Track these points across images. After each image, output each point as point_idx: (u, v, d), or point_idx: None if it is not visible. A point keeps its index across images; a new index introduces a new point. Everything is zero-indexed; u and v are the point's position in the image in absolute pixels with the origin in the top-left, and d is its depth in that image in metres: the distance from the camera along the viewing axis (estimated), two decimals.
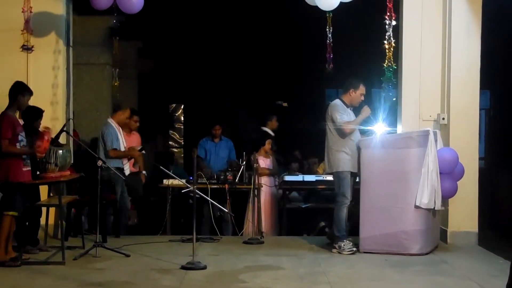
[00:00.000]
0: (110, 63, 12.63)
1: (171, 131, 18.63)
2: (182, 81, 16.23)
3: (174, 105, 18.35)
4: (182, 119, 18.34)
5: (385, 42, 7.99)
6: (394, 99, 9.40)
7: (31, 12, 8.60)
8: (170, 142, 18.56)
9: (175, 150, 18.19)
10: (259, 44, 14.91)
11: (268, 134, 11.19)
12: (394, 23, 8.00)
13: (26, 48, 8.57)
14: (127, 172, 9.61)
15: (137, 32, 12.77)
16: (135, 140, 10.49)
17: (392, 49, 7.96)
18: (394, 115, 9.50)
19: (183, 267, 7.23)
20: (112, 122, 9.60)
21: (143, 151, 10.13)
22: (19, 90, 7.66)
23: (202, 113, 14.93)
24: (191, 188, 7.64)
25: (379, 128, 8.61)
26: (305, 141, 13.64)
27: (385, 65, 7.98)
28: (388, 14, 7.91)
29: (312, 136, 11.86)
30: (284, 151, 12.56)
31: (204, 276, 6.98)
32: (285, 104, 16.40)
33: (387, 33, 7.93)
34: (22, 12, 8.50)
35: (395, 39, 8.21)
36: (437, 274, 7.19)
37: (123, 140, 9.63)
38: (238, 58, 15.46)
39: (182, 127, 18.33)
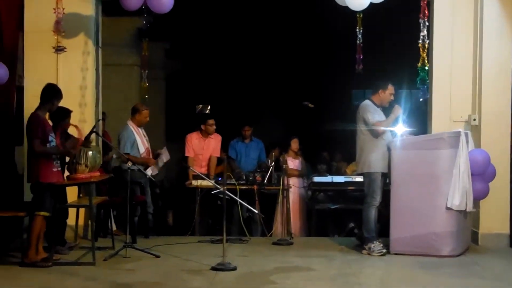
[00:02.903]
0: (138, 64, 12.69)
1: None
2: (209, 82, 16.23)
3: (201, 105, 18.31)
4: None
5: (420, 41, 7.90)
6: (421, 99, 9.32)
7: (63, 13, 8.60)
8: None
9: None
10: (286, 45, 14.88)
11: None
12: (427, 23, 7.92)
13: (59, 49, 8.55)
14: (148, 173, 9.53)
15: (164, 33, 12.79)
16: (212, 143, 10.53)
17: (426, 49, 7.86)
18: (424, 116, 9.42)
19: (213, 268, 7.22)
20: (130, 125, 9.51)
21: (163, 158, 9.99)
22: (55, 95, 7.64)
23: (229, 113, 14.89)
24: (221, 189, 7.62)
25: (409, 129, 8.57)
26: (332, 142, 13.57)
27: (419, 65, 7.92)
28: (422, 13, 7.82)
29: (339, 137, 11.81)
30: (311, 152, 12.50)
31: (234, 277, 6.98)
32: (311, 105, 16.37)
33: (422, 33, 7.83)
34: (54, 13, 8.49)
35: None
36: (469, 276, 7.12)
37: (143, 142, 9.49)
38: (265, 59, 15.44)
39: None
